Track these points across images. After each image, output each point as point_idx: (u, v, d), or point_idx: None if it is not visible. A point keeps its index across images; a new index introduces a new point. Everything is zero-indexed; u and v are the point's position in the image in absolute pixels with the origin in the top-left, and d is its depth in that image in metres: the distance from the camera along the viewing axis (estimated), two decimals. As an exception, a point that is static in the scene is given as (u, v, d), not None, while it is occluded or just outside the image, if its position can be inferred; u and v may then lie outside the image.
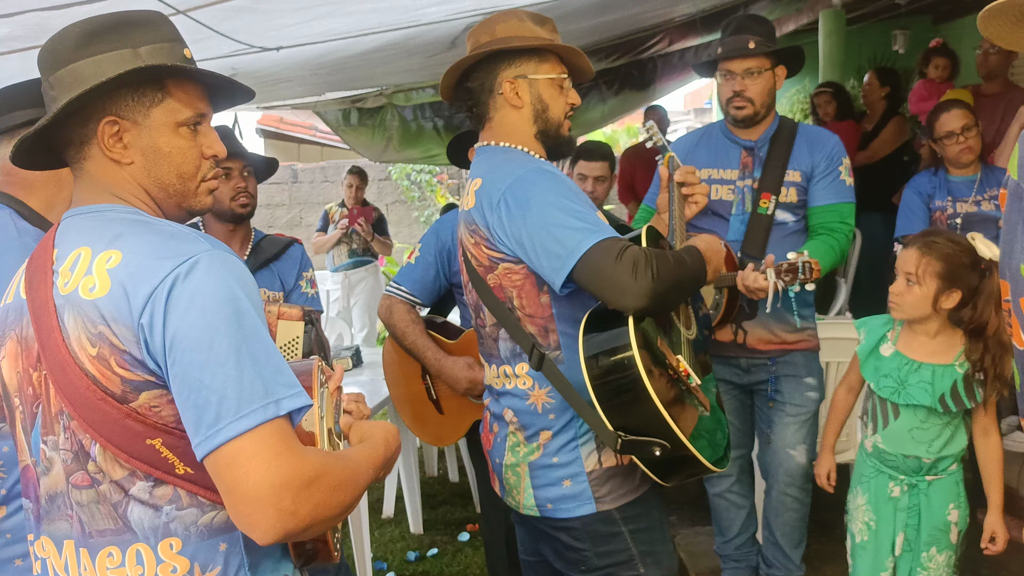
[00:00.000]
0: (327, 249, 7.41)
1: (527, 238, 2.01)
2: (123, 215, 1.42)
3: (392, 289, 3.21)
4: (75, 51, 1.42)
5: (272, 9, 3.36)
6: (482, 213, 2.12)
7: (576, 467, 2.14)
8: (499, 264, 2.12)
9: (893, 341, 2.72)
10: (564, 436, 2.15)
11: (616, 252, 1.90)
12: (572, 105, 2.26)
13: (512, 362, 2.19)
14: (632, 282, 1.88)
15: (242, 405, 1.26)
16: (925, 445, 2.65)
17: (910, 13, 7.72)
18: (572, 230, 1.95)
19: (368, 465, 1.44)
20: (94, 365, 1.32)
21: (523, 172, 2.07)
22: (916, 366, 2.65)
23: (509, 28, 2.19)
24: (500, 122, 2.23)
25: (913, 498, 2.70)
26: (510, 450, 2.24)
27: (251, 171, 2.89)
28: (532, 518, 2.23)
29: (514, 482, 2.24)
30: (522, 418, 2.19)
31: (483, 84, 2.22)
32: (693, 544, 4.10)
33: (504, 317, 2.16)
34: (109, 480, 1.36)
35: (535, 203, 2.00)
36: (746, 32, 3.01)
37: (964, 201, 3.87)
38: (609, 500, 2.14)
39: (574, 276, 1.96)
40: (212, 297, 1.29)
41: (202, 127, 1.51)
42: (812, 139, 3.11)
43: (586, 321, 2.02)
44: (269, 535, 1.25)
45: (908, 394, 2.63)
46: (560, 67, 2.23)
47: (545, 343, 2.13)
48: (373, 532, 4.54)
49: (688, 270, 2.02)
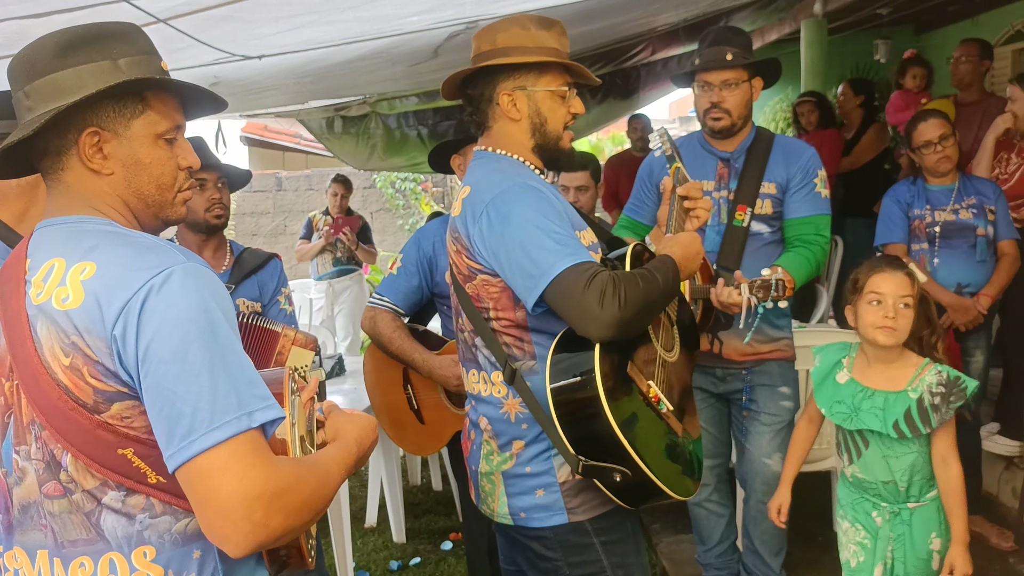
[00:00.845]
0: (310, 257, 7.40)
1: (504, 254, 2.00)
2: (99, 227, 1.42)
3: (375, 300, 3.21)
4: (54, 61, 1.42)
5: (253, 18, 3.36)
6: (465, 223, 2.10)
7: (549, 477, 2.13)
8: (477, 275, 2.12)
9: (848, 368, 2.72)
10: (537, 446, 2.14)
11: (586, 279, 1.88)
12: (574, 115, 2.23)
13: (488, 370, 2.18)
14: (598, 311, 1.86)
15: (215, 417, 1.26)
16: (900, 472, 2.63)
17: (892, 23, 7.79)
18: (546, 251, 1.94)
19: (339, 467, 1.45)
20: (67, 375, 1.32)
21: (508, 186, 2.04)
22: (869, 392, 2.65)
23: (510, 37, 2.13)
24: (498, 132, 2.21)
25: (896, 528, 2.66)
26: (484, 458, 2.23)
27: (225, 182, 2.90)
28: (506, 526, 2.22)
29: (489, 490, 2.23)
30: (496, 426, 2.19)
31: (482, 93, 2.19)
32: (676, 552, 4.10)
33: (481, 326, 2.16)
34: (81, 490, 1.36)
35: (514, 219, 1.99)
36: (724, 44, 3.03)
37: (942, 210, 3.90)
38: (581, 511, 2.13)
39: (545, 298, 1.95)
40: (186, 309, 1.29)
41: (178, 139, 1.52)
42: (788, 151, 3.12)
43: (557, 342, 2.02)
44: (242, 547, 1.26)
45: (860, 420, 2.63)
46: (562, 78, 2.18)
47: (521, 353, 2.12)
48: (356, 541, 4.53)
49: (658, 288, 2.00)
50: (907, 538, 2.65)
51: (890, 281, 2.61)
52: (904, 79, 6.11)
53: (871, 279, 2.64)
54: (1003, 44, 7.53)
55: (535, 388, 2.09)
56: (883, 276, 2.62)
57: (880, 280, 2.62)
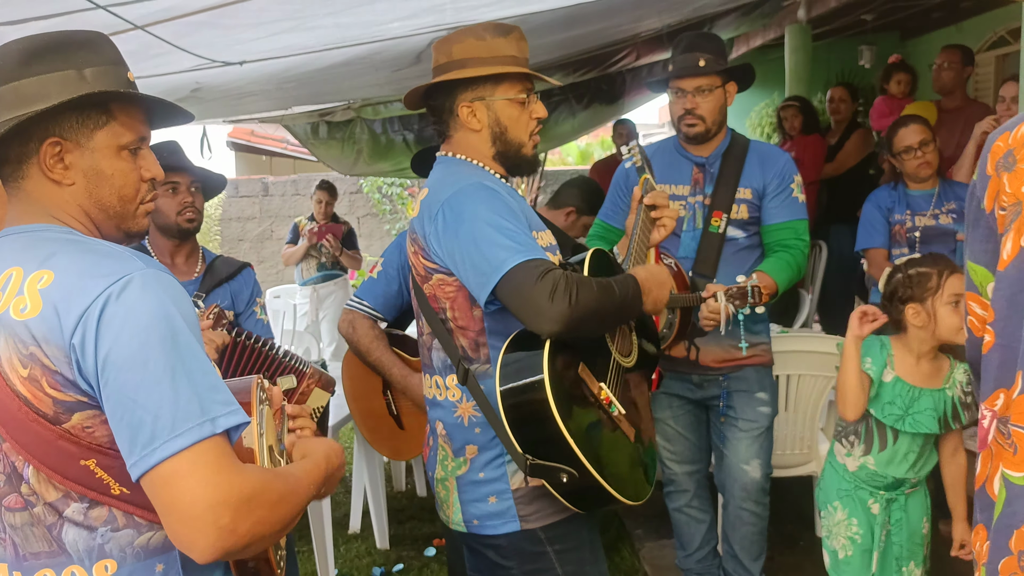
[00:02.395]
0: (295, 261, 7.38)
1: (458, 251, 2.01)
2: (57, 235, 1.41)
3: (354, 303, 3.17)
4: (17, 69, 1.41)
5: (232, 24, 3.35)
6: (421, 223, 2.11)
7: (502, 484, 2.13)
8: (433, 275, 2.12)
9: (892, 367, 2.71)
10: (490, 452, 2.13)
11: (537, 274, 1.88)
12: (538, 119, 2.22)
13: (443, 373, 2.18)
14: (548, 305, 1.86)
15: (177, 424, 1.25)
16: (916, 467, 2.70)
17: (877, 29, 7.83)
18: (499, 247, 1.94)
19: (309, 481, 1.44)
20: (25, 386, 1.30)
21: (463, 185, 2.05)
22: (918, 393, 2.66)
23: (466, 49, 2.13)
24: (459, 141, 2.22)
25: (895, 513, 2.73)
26: (440, 463, 2.22)
27: (199, 187, 2.86)
28: (461, 534, 2.22)
29: (444, 496, 2.23)
30: (450, 431, 2.18)
31: (442, 105, 2.20)
32: (658, 557, 4.10)
33: (437, 328, 2.16)
34: (43, 502, 1.34)
35: (468, 217, 2.00)
36: (696, 50, 3.04)
37: (923, 215, 3.92)
38: (535, 519, 2.13)
39: (497, 293, 1.95)
40: (146, 316, 1.28)
41: (142, 150, 1.51)
42: (763, 156, 3.14)
43: (510, 341, 2.02)
44: (208, 553, 1.24)
45: (915, 421, 2.65)
46: (520, 84, 2.18)
47: (476, 356, 2.12)
48: (339, 547, 4.51)
49: (614, 300, 1.99)
50: (904, 523, 2.73)
51: (954, 282, 2.62)
52: (889, 84, 6.14)
53: (951, 280, 2.62)
54: (986, 50, 7.58)
55: (488, 391, 2.08)
56: (958, 277, 2.61)
57: (958, 282, 2.60)
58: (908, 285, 2.67)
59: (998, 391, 1.45)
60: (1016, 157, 1.44)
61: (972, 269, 1.57)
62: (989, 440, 1.48)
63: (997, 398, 1.45)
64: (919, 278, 2.66)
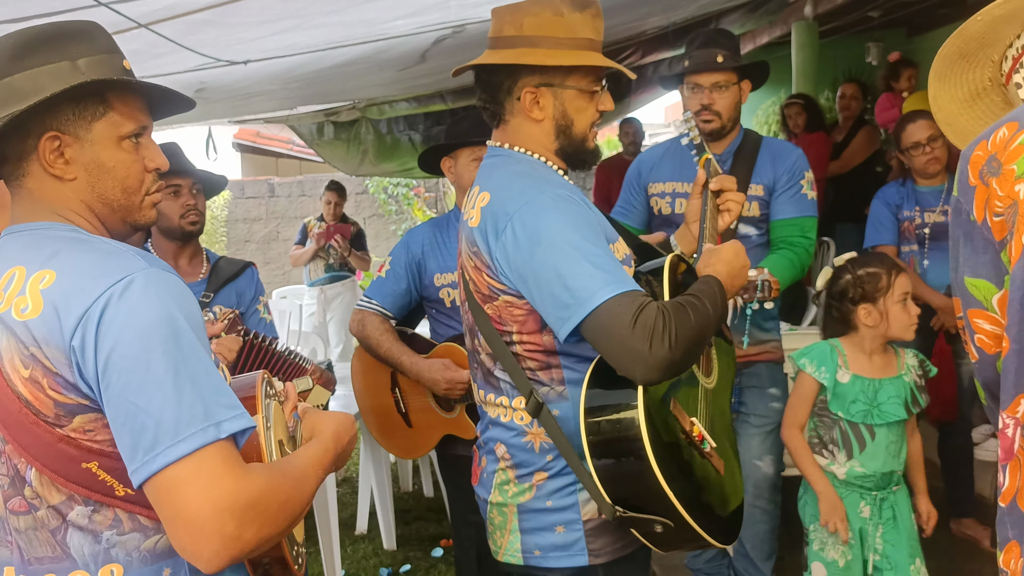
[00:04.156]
0: (304, 263, 7.37)
1: (532, 277, 1.77)
2: (61, 233, 1.38)
3: (363, 303, 3.17)
4: (10, 64, 1.38)
5: (236, 22, 3.34)
6: (485, 237, 1.86)
7: (572, 513, 1.90)
8: (500, 295, 1.88)
9: (845, 366, 2.72)
10: (561, 479, 1.90)
11: (631, 313, 1.65)
12: (601, 113, 1.99)
13: (510, 394, 1.94)
14: (646, 353, 1.64)
15: (180, 429, 1.22)
16: (899, 457, 2.72)
17: (883, 26, 7.78)
18: (584, 276, 1.71)
19: (316, 467, 1.42)
20: (27, 388, 1.28)
21: (535, 196, 1.81)
22: (879, 384, 2.69)
23: (541, 24, 1.85)
24: (516, 129, 1.96)
25: (885, 512, 2.72)
26: (498, 488, 1.98)
27: (200, 189, 2.87)
28: (512, 565, 1.99)
29: (499, 523, 1.99)
30: (516, 456, 1.94)
31: (501, 82, 1.93)
32: (666, 557, 4.07)
33: (501, 351, 1.91)
34: (47, 505, 1.32)
35: (546, 238, 1.75)
36: (714, 46, 3.02)
37: (932, 211, 3.89)
38: (603, 554, 1.91)
39: (582, 330, 1.72)
40: (148, 317, 1.25)
41: (143, 139, 1.47)
42: (775, 153, 3.12)
43: (591, 376, 1.79)
44: (214, 563, 1.22)
45: (883, 412, 2.66)
46: (595, 72, 1.93)
47: (548, 378, 1.90)
48: (346, 548, 4.51)
49: (709, 319, 1.77)
50: (896, 521, 2.73)
51: (904, 280, 2.69)
52: (899, 81, 6.10)
53: (900, 279, 2.67)
54: (993, 45, 7.51)
55: (563, 417, 1.88)
56: (905, 276, 2.69)
57: (906, 280, 2.68)
58: (859, 285, 2.69)
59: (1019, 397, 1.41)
60: (1000, 160, 1.42)
61: (972, 285, 1.52)
62: (1016, 449, 1.42)
63: (1019, 404, 1.41)
64: (869, 278, 2.68)
